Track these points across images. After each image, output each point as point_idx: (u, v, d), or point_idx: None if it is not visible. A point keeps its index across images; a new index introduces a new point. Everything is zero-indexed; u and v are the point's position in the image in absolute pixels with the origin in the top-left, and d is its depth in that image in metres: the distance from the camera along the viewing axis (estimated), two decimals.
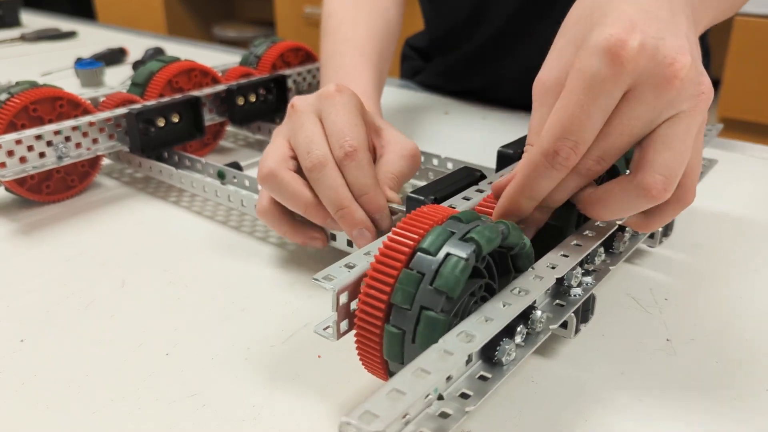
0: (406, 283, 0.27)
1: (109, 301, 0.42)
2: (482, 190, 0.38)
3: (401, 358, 0.28)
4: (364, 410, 0.22)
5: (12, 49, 1.21)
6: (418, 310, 0.27)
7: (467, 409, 0.27)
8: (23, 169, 0.50)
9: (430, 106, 0.84)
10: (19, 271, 0.46)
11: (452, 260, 0.27)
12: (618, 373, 0.35)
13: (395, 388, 0.23)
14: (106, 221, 0.53)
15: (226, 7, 3.42)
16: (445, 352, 0.25)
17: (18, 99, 0.52)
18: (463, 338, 0.26)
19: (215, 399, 0.34)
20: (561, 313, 0.32)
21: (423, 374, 0.24)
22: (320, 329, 0.30)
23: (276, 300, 0.42)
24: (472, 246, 0.27)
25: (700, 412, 0.32)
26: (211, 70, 0.65)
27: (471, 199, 0.37)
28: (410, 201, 0.38)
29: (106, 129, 0.56)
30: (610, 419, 0.32)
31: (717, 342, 0.37)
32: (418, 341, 0.27)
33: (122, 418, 0.32)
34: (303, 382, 0.35)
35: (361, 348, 0.29)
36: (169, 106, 0.58)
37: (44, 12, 1.63)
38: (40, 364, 0.36)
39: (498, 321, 0.27)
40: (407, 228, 0.29)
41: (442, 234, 0.28)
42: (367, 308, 0.28)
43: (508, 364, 0.29)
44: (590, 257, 0.35)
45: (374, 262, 0.28)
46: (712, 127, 0.51)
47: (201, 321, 0.40)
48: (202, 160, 0.56)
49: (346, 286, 0.29)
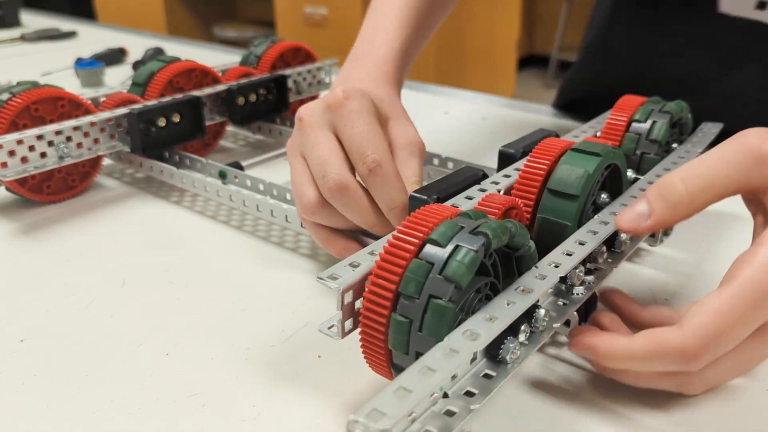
0: (416, 273, 0.27)
1: (109, 301, 0.42)
2: (485, 190, 0.38)
3: (407, 348, 0.28)
4: (371, 408, 0.22)
5: (12, 49, 1.21)
6: (427, 299, 0.27)
7: (472, 407, 0.27)
8: (24, 169, 0.50)
9: (430, 106, 0.84)
10: (19, 270, 0.46)
11: (462, 251, 0.27)
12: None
13: (402, 386, 0.23)
14: (107, 221, 0.53)
15: (226, 7, 3.42)
16: (450, 350, 0.25)
17: (20, 99, 0.52)
18: (469, 336, 0.26)
19: (215, 399, 0.34)
20: (563, 312, 0.32)
21: (429, 372, 0.24)
22: (324, 328, 0.30)
23: (276, 300, 0.42)
24: (482, 239, 0.28)
25: (700, 412, 0.32)
26: (212, 70, 0.65)
27: (473, 199, 0.37)
28: (413, 200, 0.38)
29: (107, 129, 0.56)
30: (610, 419, 0.32)
31: None
32: (425, 330, 0.27)
33: (122, 418, 0.32)
34: (303, 382, 0.35)
35: (366, 339, 0.29)
36: (170, 106, 0.58)
37: (44, 12, 1.63)
38: (40, 364, 0.36)
39: (502, 319, 0.27)
40: (414, 224, 0.29)
41: (452, 227, 0.28)
42: (374, 297, 0.28)
43: (512, 363, 0.29)
44: (592, 256, 0.35)
45: (383, 253, 0.29)
46: (712, 125, 0.51)
47: (201, 321, 0.40)
48: (203, 160, 0.56)
49: (351, 285, 0.29)
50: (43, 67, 1.02)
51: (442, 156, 0.54)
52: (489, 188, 0.38)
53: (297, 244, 0.49)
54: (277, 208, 0.47)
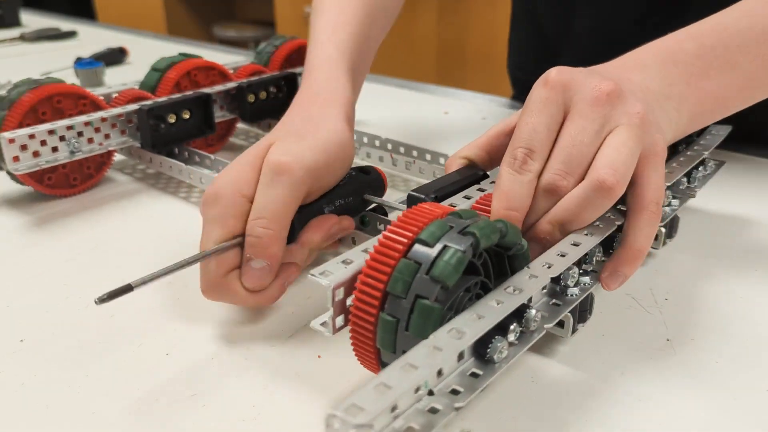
0: (403, 272, 0.28)
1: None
2: (484, 189, 0.38)
3: (393, 347, 0.28)
4: (350, 403, 0.22)
5: (12, 48, 1.21)
6: (413, 299, 0.27)
7: (456, 405, 0.27)
8: (36, 163, 0.51)
9: (430, 106, 0.84)
10: (19, 270, 0.46)
11: (449, 251, 0.27)
12: (618, 373, 0.35)
13: (382, 382, 0.23)
14: (114, 216, 0.53)
15: (226, 7, 3.42)
16: (434, 348, 0.25)
17: (39, 91, 0.53)
18: (454, 335, 0.26)
19: (215, 399, 0.34)
20: (557, 313, 0.32)
21: (411, 369, 0.24)
22: (317, 324, 0.30)
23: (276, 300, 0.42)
24: (470, 239, 0.28)
25: (700, 412, 0.32)
26: (223, 68, 0.66)
27: (472, 198, 0.37)
28: (411, 199, 0.38)
29: (118, 125, 0.57)
30: (609, 420, 0.32)
31: (717, 342, 0.37)
32: (411, 329, 0.27)
33: (122, 418, 0.32)
34: (303, 382, 0.35)
35: (355, 337, 0.30)
36: (179, 102, 0.58)
37: (44, 12, 1.63)
38: (40, 364, 0.36)
39: (489, 318, 0.28)
40: (404, 223, 0.29)
41: (441, 227, 0.28)
42: (363, 296, 0.28)
43: (500, 362, 0.29)
44: (588, 257, 0.35)
45: (372, 252, 0.29)
46: (720, 128, 0.51)
47: (201, 321, 0.40)
48: (212, 157, 0.56)
49: (342, 282, 0.29)
50: (43, 66, 1.02)
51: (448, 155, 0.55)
52: (488, 188, 0.38)
53: None
54: None
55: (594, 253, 0.35)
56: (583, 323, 0.35)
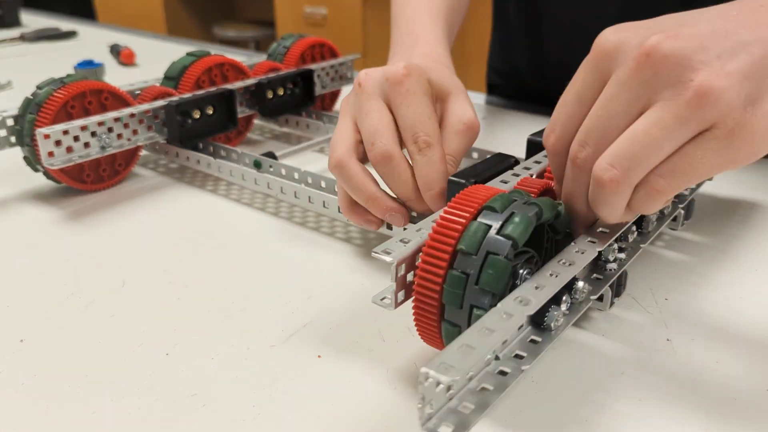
0: (475, 232, 0.30)
1: (109, 301, 0.42)
2: (518, 175, 0.39)
3: (461, 302, 0.30)
4: (440, 362, 0.24)
5: (12, 48, 1.21)
6: (485, 255, 0.29)
7: (523, 368, 0.29)
8: (70, 158, 0.52)
9: None
10: (19, 270, 0.46)
11: (518, 215, 0.30)
12: (618, 373, 0.35)
13: (466, 344, 0.25)
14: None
15: (226, 7, 3.42)
16: (505, 314, 0.27)
17: (73, 87, 0.54)
18: (520, 302, 0.28)
19: (215, 399, 0.34)
20: (599, 286, 0.35)
21: (488, 332, 0.26)
22: (378, 300, 0.32)
23: (276, 300, 0.42)
24: (536, 208, 0.30)
25: (700, 412, 0.32)
26: (241, 65, 0.67)
27: (508, 182, 0.39)
28: (451, 184, 0.40)
29: (145, 120, 0.58)
30: (609, 420, 0.32)
31: (717, 342, 0.37)
32: (482, 283, 0.29)
33: (122, 418, 0.32)
34: (303, 382, 0.35)
35: (419, 299, 0.31)
36: (204, 98, 0.59)
37: (44, 12, 1.63)
38: (40, 364, 0.36)
39: (549, 288, 0.30)
40: (465, 198, 0.31)
41: (507, 198, 0.31)
42: (433, 252, 0.30)
43: (555, 330, 0.32)
44: (623, 235, 0.37)
45: (442, 215, 0.31)
46: None
47: (201, 321, 0.40)
48: (238, 150, 0.57)
49: (404, 258, 0.31)
50: (43, 66, 1.02)
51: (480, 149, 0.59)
52: (521, 173, 0.39)
53: (295, 245, 0.49)
54: (315, 195, 0.49)
55: (629, 231, 0.37)
56: (619, 297, 0.37)
